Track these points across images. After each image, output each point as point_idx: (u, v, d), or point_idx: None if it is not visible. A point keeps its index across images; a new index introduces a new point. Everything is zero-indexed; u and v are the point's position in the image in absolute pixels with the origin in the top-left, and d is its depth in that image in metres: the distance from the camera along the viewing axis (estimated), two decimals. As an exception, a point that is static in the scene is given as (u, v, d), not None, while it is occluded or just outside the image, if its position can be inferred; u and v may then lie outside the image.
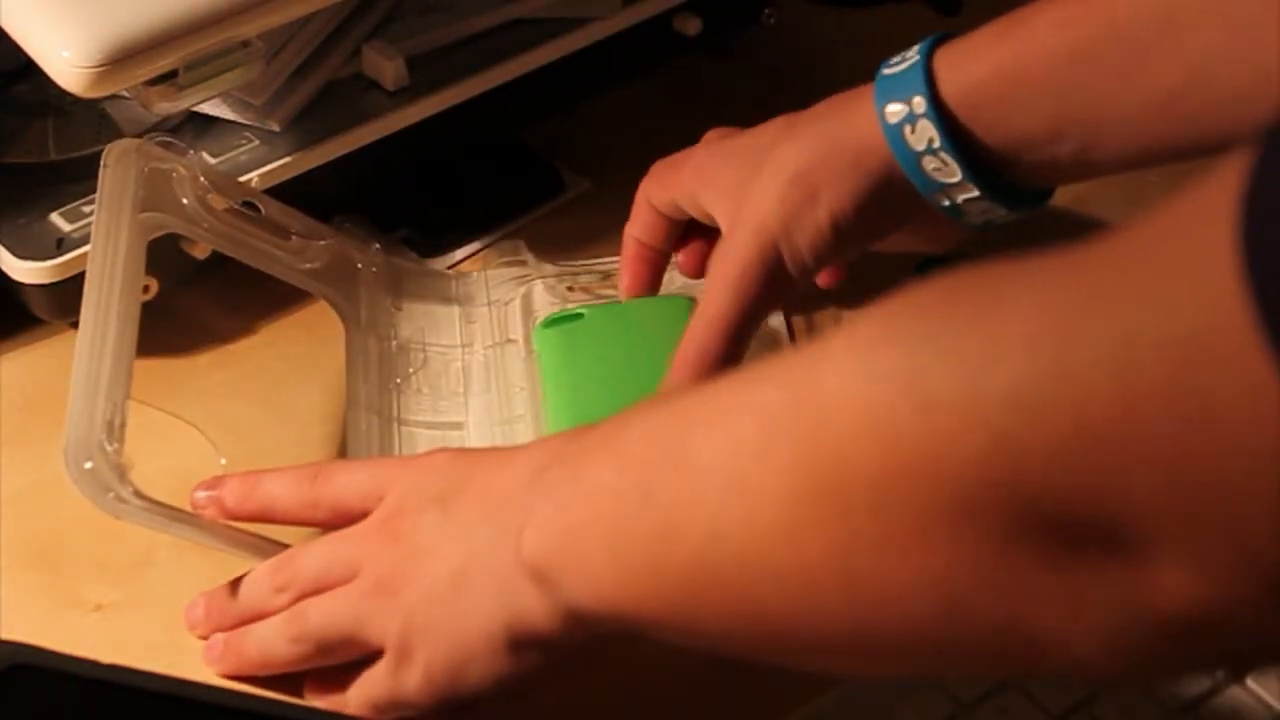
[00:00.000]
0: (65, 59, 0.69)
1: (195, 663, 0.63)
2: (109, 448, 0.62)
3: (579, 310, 0.76)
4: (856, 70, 0.70)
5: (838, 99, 0.70)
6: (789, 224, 0.68)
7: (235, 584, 0.64)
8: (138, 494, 0.62)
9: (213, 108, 0.80)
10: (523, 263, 0.81)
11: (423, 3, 0.86)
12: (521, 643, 0.57)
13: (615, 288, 0.78)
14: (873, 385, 0.46)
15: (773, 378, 0.51)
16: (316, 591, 0.61)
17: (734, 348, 0.69)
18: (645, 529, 0.52)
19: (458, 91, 0.83)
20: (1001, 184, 0.67)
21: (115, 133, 0.79)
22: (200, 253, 0.76)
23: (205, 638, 0.64)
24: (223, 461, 0.69)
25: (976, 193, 0.67)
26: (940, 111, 0.65)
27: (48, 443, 0.75)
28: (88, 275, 0.67)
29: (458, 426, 0.74)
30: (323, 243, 0.77)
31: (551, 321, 0.75)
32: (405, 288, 0.79)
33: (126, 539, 0.71)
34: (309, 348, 0.78)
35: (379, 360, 0.76)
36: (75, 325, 0.79)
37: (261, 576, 0.63)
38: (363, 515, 0.62)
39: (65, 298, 0.76)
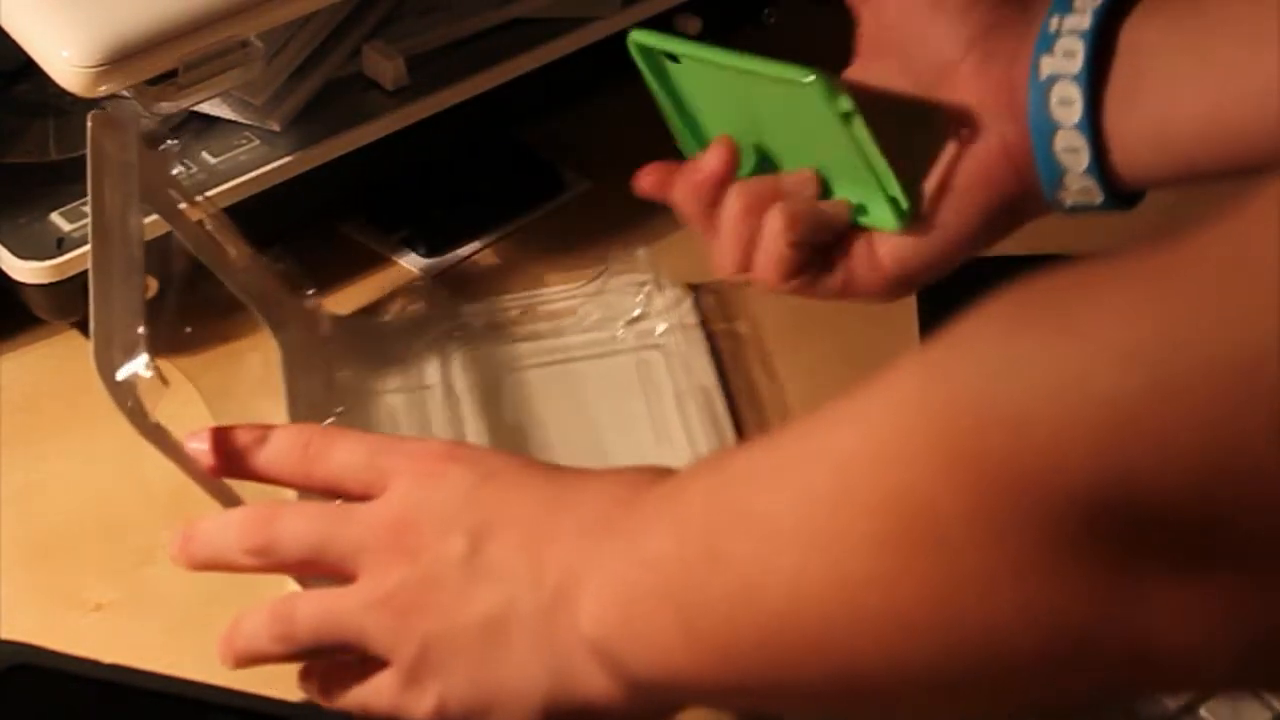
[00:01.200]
0: (65, 59, 0.69)
1: (195, 663, 0.63)
2: (142, 358, 0.61)
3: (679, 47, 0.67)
4: (856, 70, 0.70)
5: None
6: None
7: (214, 517, 0.61)
8: (158, 425, 0.61)
9: (213, 108, 0.80)
10: (435, 304, 0.80)
11: (423, 3, 0.86)
12: (562, 710, 0.56)
13: (530, 322, 0.79)
14: (955, 412, 0.43)
15: (839, 420, 0.48)
16: (298, 567, 0.60)
17: None
18: (717, 595, 0.50)
19: (458, 91, 0.83)
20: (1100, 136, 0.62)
21: (115, 133, 0.79)
22: (231, 250, 0.75)
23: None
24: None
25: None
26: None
27: (48, 443, 0.75)
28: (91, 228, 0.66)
29: None
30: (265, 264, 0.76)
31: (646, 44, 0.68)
32: (336, 330, 0.78)
33: (126, 539, 0.71)
34: (309, 348, 0.78)
35: (310, 397, 0.75)
36: (75, 325, 0.79)
37: (229, 526, 0.60)
38: (361, 496, 0.60)
39: (65, 298, 0.76)
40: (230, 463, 0.62)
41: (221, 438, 0.62)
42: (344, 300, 0.80)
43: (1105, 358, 0.40)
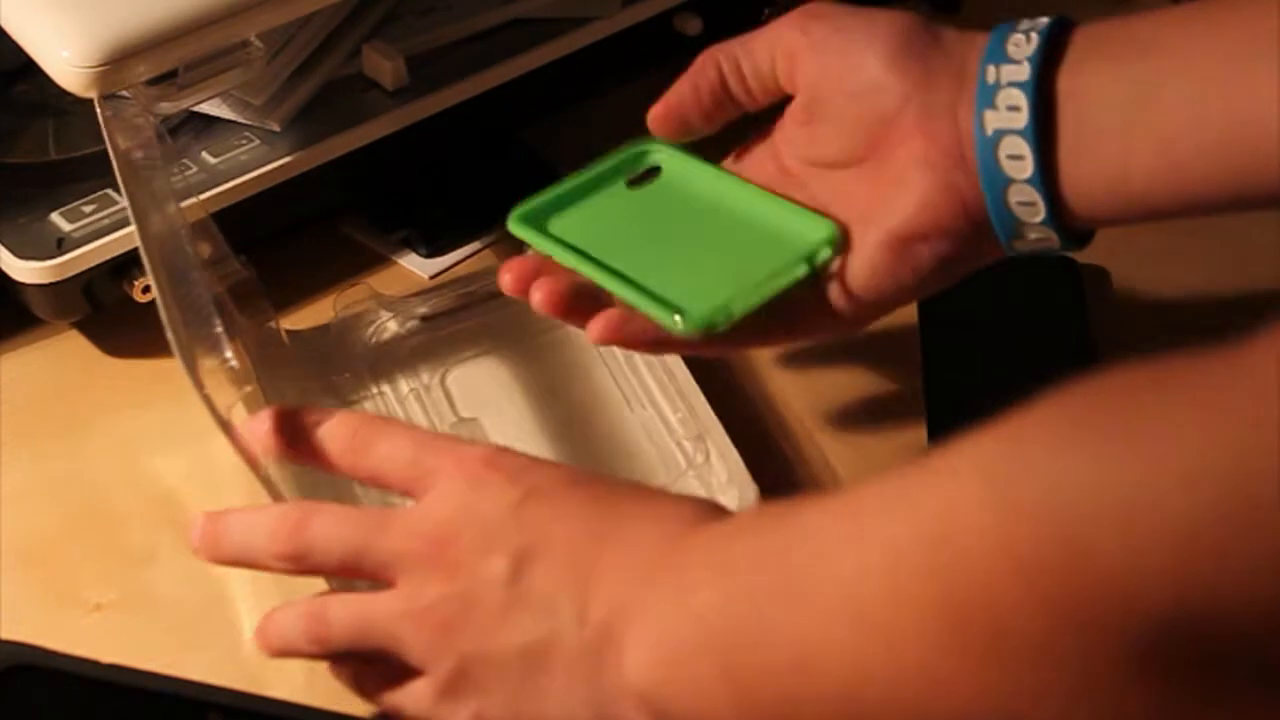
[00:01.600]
0: (65, 59, 0.69)
1: (195, 662, 0.63)
2: (226, 351, 0.61)
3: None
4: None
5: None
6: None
7: (242, 515, 0.60)
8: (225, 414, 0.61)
9: (213, 108, 0.80)
10: (367, 303, 0.79)
11: (423, 3, 0.86)
12: None
13: (471, 306, 0.79)
14: (1015, 521, 0.43)
15: (893, 506, 0.48)
16: (332, 574, 0.59)
17: (696, 100, 0.68)
18: (771, 661, 0.50)
19: (458, 91, 0.83)
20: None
21: (115, 133, 0.79)
22: (204, 251, 0.76)
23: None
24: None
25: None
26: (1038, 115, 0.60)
27: (48, 442, 0.75)
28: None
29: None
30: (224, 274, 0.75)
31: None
32: (293, 343, 0.77)
33: (126, 539, 0.71)
34: (309, 348, 0.78)
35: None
36: (75, 325, 0.79)
37: (259, 527, 0.59)
38: (402, 491, 0.59)
39: (65, 298, 0.76)
40: (286, 444, 0.61)
41: (282, 418, 0.61)
42: (342, 302, 0.80)
43: (1172, 478, 0.40)
